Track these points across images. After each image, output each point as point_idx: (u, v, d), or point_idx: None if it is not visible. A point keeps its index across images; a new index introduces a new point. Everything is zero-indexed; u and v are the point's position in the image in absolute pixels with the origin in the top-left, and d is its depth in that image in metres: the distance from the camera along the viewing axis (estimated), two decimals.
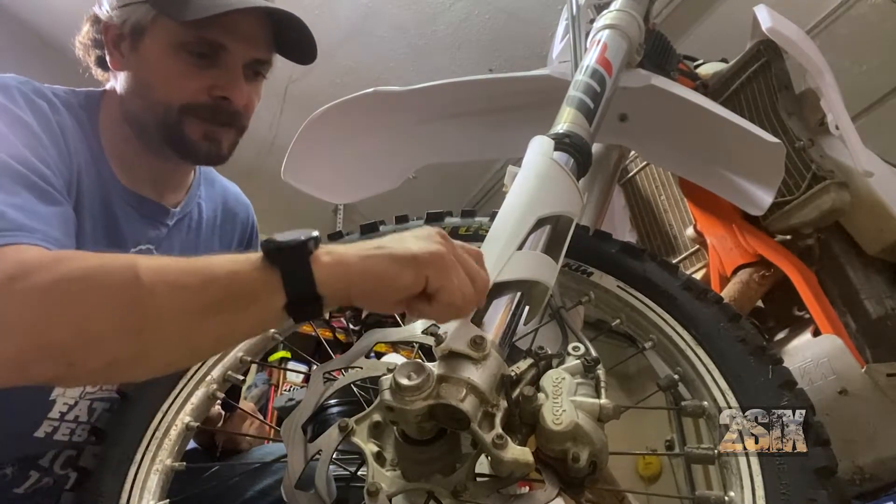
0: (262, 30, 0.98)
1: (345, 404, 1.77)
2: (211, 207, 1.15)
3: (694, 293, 0.84)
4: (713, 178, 1.12)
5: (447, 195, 3.59)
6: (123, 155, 0.98)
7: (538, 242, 0.77)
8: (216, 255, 0.59)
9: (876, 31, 2.63)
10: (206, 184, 1.16)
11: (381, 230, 0.98)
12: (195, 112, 0.95)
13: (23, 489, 0.93)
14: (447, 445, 0.65)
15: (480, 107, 1.22)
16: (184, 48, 0.93)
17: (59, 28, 2.69)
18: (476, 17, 2.82)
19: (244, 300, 0.56)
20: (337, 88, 1.18)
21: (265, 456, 1.09)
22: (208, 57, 0.94)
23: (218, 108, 0.96)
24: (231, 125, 0.99)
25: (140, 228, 0.99)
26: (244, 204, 1.25)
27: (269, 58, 1.02)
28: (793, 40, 1.20)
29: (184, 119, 0.95)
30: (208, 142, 0.97)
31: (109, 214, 0.94)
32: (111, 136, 0.98)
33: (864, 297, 1.18)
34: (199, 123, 0.95)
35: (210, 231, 1.14)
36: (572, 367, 0.69)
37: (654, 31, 1.24)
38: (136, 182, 1.00)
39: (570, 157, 0.86)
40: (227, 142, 1.00)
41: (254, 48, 0.97)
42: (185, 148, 0.97)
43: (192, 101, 0.94)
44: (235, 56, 0.96)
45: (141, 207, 0.99)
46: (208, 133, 0.97)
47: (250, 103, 1.01)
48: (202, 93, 0.95)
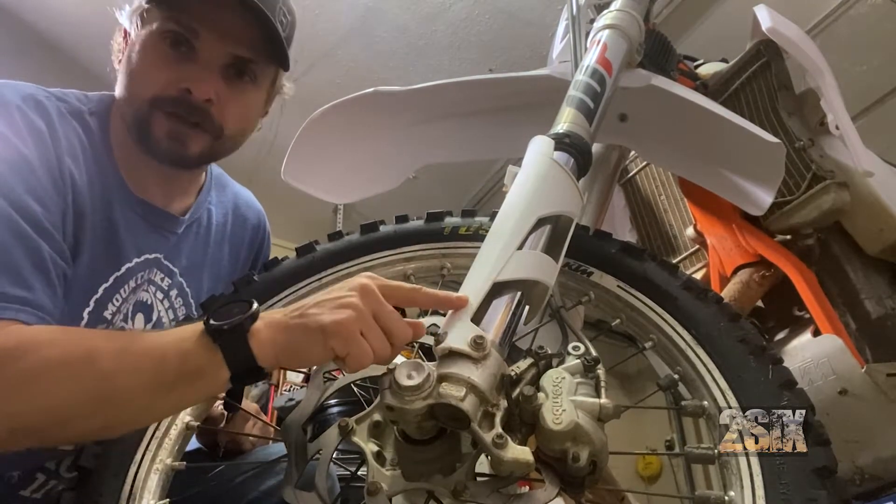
0: (243, 26, 0.93)
1: (345, 404, 1.77)
2: (221, 213, 1.14)
3: (694, 293, 0.84)
4: (713, 178, 1.12)
5: (447, 195, 3.60)
6: (130, 159, 0.97)
7: (538, 242, 0.77)
8: (166, 331, 0.67)
9: (876, 31, 2.63)
10: (217, 189, 1.15)
11: (380, 230, 0.98)
12: (161, 105, 0.91)
13: (29, 491, 0.93)
14: (447, 445, 0.65)
15: (480, 107, 1.22)
16: (161, 37, 0.91)
17: (60, 28, 2.69)
18: (476, 17, 2.82)
19: (193, 377, 0.63)
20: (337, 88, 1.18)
21: (268, 456, 1.09)
22: (183, 48, 0.91)
23: (181, 101, 0.91)
24: (200, 127, 0.93)
25: (145, 238, 0.98)
26: (256, 210, 1.23)
27: (254, 57, 0.95)
28: (793, 40, 1.20)
29: (153, 113, 0.91)
30: (171, 140, 0.92)
31: (111, 225, 0.93)
32: (121, 141, 0.97)
33: (864, 297, 1.18)
34: (164, 120, 0.91)
35: (220, 236, 1.14)
36: (572, 367, 0.69)
37: (654, 31, 1.24)
38: (144, 187, 0.99)
39: (570, 157, 0.86)
40: (197, 146, 0.94)
41: (232, 43, 0.93)
42: (150, 146, 0.93)
43: (160, 93, 0.91)
44: (210, 49, 0.91)
45: (148, 216, 0.99)
46: (173, 131, 0.92)
47: (224, 104, 0.94)
48: (170, 85, 0.91)
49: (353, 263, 0.95)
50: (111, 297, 0.94)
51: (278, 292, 0.91)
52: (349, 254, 0.95)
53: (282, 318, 0.65)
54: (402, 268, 0.96)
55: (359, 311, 0.64)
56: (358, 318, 0.63)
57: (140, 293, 0.99)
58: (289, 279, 0.92)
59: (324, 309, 0.64)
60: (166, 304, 1.04)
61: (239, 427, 1.14)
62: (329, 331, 0.62)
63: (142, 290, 0.99)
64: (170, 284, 1.04)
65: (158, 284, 1.02)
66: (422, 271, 0.97)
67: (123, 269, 0.95)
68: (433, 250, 0.96)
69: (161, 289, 1.02)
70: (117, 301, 0.95)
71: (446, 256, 0.96)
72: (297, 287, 0.92)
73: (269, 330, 0.64)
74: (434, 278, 0.97)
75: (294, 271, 0.93)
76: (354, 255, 0.95)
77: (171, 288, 1.04)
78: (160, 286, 1.02)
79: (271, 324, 0.64)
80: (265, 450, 1.12)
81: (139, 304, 0.99)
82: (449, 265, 0.96)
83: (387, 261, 0.96)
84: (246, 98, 0.98)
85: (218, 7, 0.90)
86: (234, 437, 1.11)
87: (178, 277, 1.05)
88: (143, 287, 0.99)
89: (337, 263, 0.94)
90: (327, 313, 0.63)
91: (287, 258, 0.95)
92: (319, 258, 0.94)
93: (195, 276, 1.08)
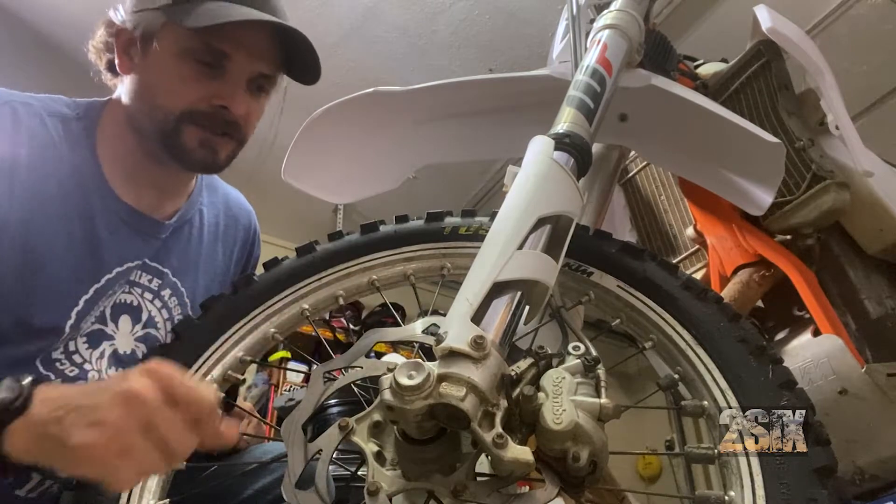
0: (269, 45, 0.99)
1: (345, 404, 1.77)
2: (213, 214, 1.16)
3: (694, 293, 0.84)
4: (713, 178, 1.12)
5: (447, 195, 3.59)
6: (125, 164, 0.99)
7: (538, 242, 0.77)
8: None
9: (876, 31, 2.63)
10: (208, 190, 1.17)
11: (380, 230, 0.98)
12: (193, 119, 0.96)
13: (24, 491, 0.93)
14: (447, 445, 0.65)
15: (480, 107, 1.22)
16: (190, 55, 0.94)
17: (60, 29, 2.69)
18: (476, 17, 2.82)
19: None
20: (337, 88, 1.18)
21: (263, 455, 1.09)
22: (212, 66, 0.95)
23: (216, 117, 0.97)
24: (229, 135, 0.99)
25: (129, 245, 1.00)
26: (246, 210, 1.26)
27: (274, 74, 1.03)
28: (793, 40, 1.20)
29: (182, 125, 0.96)
30: (204, 150, 0.98)
31: (92, 235, 0.95)
32: (112, 145, 0.99)
33: (864, 297, 1.18)
34: (196, 130, 0.96)
35: (213, 236, 1.16)
36: (572, 367, 0.69)
37: (655, 31, 1.24)
38: (135, 191, 1.00)
39: (570, 156, 0.86)
40: (225, 152, 1.01)
41: (258, 62, 0.98)
42: (181, 154, 0.98)
43: (192, 107, 0.95)
44: (239, 67, 0.97)
45: (132, 222, 1.00)
46: (205, 141, 0.97)
47: (250, 116, 1.01)
48: (202, 101, 0.96)
49: (353, 263, 0.95)
50: (91, 307, 0.95)
51: (278, 292, 0.91)
52: (349, 254, 0.95)
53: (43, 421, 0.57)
54: (402, 268, 0.96)
55: (115, 428, 0.55)
56: (112, 438, 0.55)
57: (122, 296, 1.00)
58: (289, 279, 0.92)
59: (80, 418, 0.56)
60: (158, 304, 1.05)
61: None
62: (79, 454, 0.55)
63: (123, 293, 1.00)
64: (160, 285, 1.05)
65: (146, 286, 1.03)
66: (422, 271, 0.97)
67: (104, 281, 0.97)
68: (433, 250, 0.97)
69: (150, 290, 1.04)
70: (97, 310, 0.97)
71: (446, 256, 0.96)
72: (298, 287, 0.92)
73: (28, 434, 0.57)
74: (434, 278, 0.97)
75: (294, 271, 0.93)
76: (354, 255, 0.95)
77: (162, 288, 1.05)
78: (148, 287, 1.04)
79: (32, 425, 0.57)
80: (260, 448, 1.12)
81: (122, 306, 1.00)
82: (449, 265, 0.96)
83: (387, 261, 0.96)
84: (262, 107, 1.05)
85: (248, 28, 0.95)
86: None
87: (170, 277, 1.06)
88: (124, 290, 1.00)
89: (337, 263, 0.94)
90: (79, 429, 0.55)
91: (287, 258, 0.95)
92: (319, 258, 0.95)
93: (189, 276, 1.09)
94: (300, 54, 1.00)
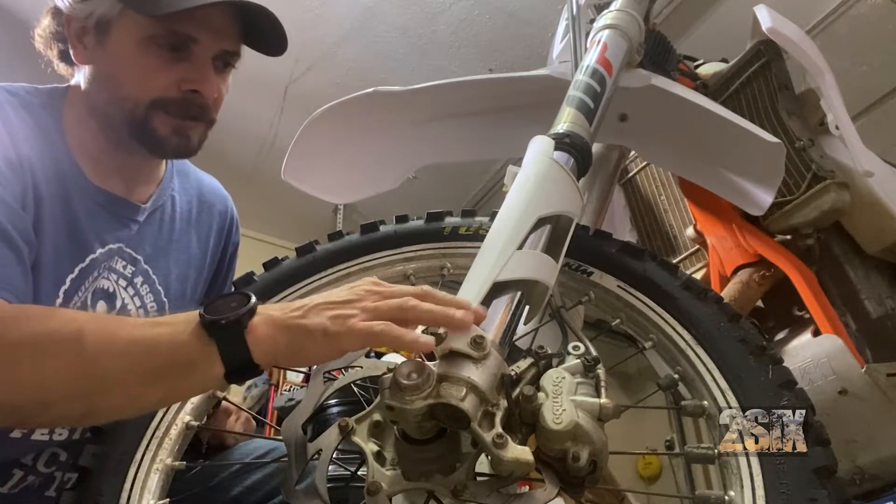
0: (232, 22, 0.96)
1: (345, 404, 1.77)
2: (185, 200, 1.14)
3: (694, 293, 0.84)
4: (713, 178, 1.12)
5: (447, 195, 3.59)
6: (91, 150, 0.97)
7: (538, 242, 0.77)
8: (159, 319, 0.64)
9: (876, 31, 2.63)
10: (179, 176, 1.14)
11: (380, 230, 0.98)
12: (164, 106, 0.93)
13: (7, 488, 0.92)
14: (447, 445, 0.65)
15: (480, 107, 1.22)
16: (153, 42, 0.91)
17: None
18: (476, 17, 2.82)
19: (185, 370, 0.60)
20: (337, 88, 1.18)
21: (253, 451, 1.08)
22: (178, 50, 0.93)
23: (188, 102, 0.95)
24: (200, 119, 0.98)
25: (107, 227, 0.98)
26: (222, 196, 1.23)
27: (238, 49, 1.00)
28: (793, 40, 1.20)
29: (152, 114, 0.93)
30: (177, 136, 0.96)
31: (71, 217, 0.93)
32: (77, 132, 0.97)
33: (864, 297, 1.18)
34: (167, 118, 0.94)
35: (185, 223, 1.13)
36: (572, 367, 0.69)
37: (655, 31, 1.24)
38: (104, 177, 0.98)
39: (570, 156, 0.86)
40: (197, 136, 0.99)
41: (224, 39, 0.96)
42: (154, 143, 0.96)
43: (162, 95, 0.93)
44: (206, 48, 0.94)
45: (108, 205, 0.98)
46: (177, 128, 0.95)
47: (220, 96, 1.00)
48: (171, 87, 0.93)
49: (353, 263, 0.95)
50: (77, 288, 0.94)
51: (278, 292, 0.91)
52: (349, 254, 0.95)
53: (281, 315, 0.63)
54: (402, 268, 0.96)
55: (360, 303, 0.62)
56: (363, 308, 0.62)
57: (101, 281, 0.98)
58: (289, 279, 0.92)
59: (324, 311, 0.62)
60: (131, 292, 1.03)
61: (221, 422, 1.13)
62: (332, 334, 0.60)
63: (102, 279, 0.99)
64: (133, 272, 1.03)
65: (120, 272, 1.02)
66: (422, 271, 0.97)
67: (88, 261, 0.95)
68: (433, 250, 0.97)
69: (124, 276, 1.02)
70: (82, 292, 0.95)
71: (446, 256, 0.96)
72: (298, 287, 0.92)
73: (268, 327, 0.61)
74: (434, 278, 0.97)
75: (294, 271, 0.93)
76: (354, 255, 0.95)
77: (134, 275, 1.03)
78: (122, 273, 1.02)
79: (270, 321, 0.62)
80: (249, 444, 1.12)
81: (100, 292, 0.99)
82: (449, 265, 0.96)
83: (387, 261, 0.96)
84: (227, 83, 1.03)
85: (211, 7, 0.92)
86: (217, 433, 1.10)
87: (142, 265, 1.04)
88: (103, 275, 0.99)
89: (337, 263, 0.94)
90: (329, 319, 0.61)
91: (287, 258, 0.95)
92: (319, 258, 0.94)
93: (161, 263, 1.07)
94: (261, 26, 0.98)
